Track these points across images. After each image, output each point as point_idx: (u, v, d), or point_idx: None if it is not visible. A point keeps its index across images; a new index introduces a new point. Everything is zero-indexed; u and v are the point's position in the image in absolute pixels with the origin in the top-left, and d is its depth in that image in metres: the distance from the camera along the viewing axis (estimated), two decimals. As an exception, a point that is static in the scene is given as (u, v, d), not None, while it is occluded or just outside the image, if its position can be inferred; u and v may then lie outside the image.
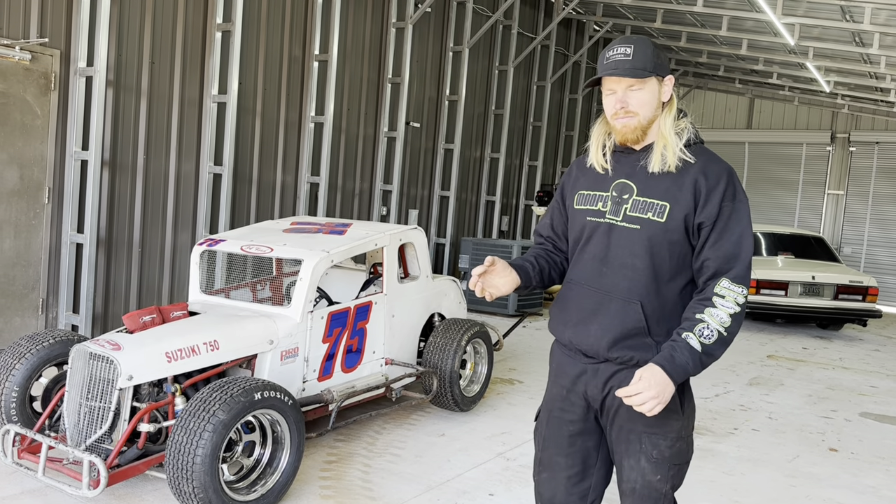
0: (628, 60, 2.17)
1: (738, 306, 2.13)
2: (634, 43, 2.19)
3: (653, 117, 2.23)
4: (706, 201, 2.15)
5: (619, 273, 2.23)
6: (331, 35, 8.35)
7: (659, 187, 2.20)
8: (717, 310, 2.13)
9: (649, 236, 2.19)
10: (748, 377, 7.51)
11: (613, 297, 2.24)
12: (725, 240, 2.16)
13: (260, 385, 3.55)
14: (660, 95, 2.23)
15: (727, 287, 2.14)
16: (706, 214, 2.16)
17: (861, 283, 10.33)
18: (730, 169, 2.21)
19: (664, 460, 2.24)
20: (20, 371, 3.98)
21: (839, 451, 5.29)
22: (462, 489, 4.11)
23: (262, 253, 4.58)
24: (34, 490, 3.73)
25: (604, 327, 2.24)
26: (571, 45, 13.72)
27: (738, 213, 2.17)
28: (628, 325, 2.21)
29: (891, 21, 9.26)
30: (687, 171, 2.19)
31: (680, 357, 2.10)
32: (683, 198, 2.17)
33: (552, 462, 2.42)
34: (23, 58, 5.71)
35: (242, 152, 7.68)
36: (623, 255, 2.23)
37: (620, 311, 2.22)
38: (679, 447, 2.26)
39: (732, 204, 2.16)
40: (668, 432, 2.24)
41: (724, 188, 2.16)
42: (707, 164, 2.20)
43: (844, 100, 15.15)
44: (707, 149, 2.27)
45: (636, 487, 2.27)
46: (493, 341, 6.00)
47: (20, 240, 5.91)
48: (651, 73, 2.19)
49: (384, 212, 9.77)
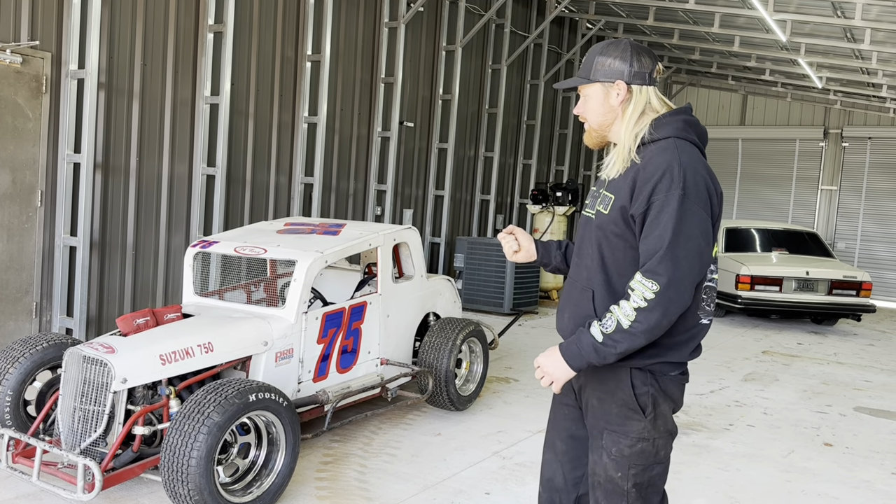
0: (579, 73, 2.32)
1: (644, 301, 2.07)
2: (588, 55, 2.31)
3: (604, 122, 2.30)
4: (638, 194, 2.15)
5: (583, 263, 2.35)
6: (323, 35, 8.34)
7: (615, 181, 2.28)
8: (626, 303, 2.12)
9: (598, 226, 2.28)
10: (743, 373, 7.53)
11: (576, 286, 2.36)
12: (650, 234, 2.11)
13: (254, 387, 3.54)
14: (608, 100, 2.27)
15: (639, 281, 2.10)
16: (636, 207, 2.15)
17: (855, 279, 10.37)
18: (672, 162, 2.12)
19: (623, 459, 2.24)
20: (14, 375, 3.96)
21: (834, 446, 5.31)
22: (458, 488, 4.11)
23: (255, 254, 4.57)
24: (29, 494, 3.72)
25: (570, 314, 2.36)
26: (564, 43, 13.73)
27: (668, 205, 2.07)
28: (582, 313, 2.29)
29: (882, 17, 9.28)
30: (633, 166, 2.23)
31: (579, 343, 2.18)
32: (623, 190, 2.20)
33: (553, 444, 2.52)
34: (14, 61, 5.69)
35: (236, 153, 7.67)
36: (585, 246, 2.35)
37: (579, 298, 2.33)
38: (642, 448, 2.23)
39: (664, 196, 2.09)
40: (628, 432, 2.23)
41: (656, 181, 2.10)
42: (651, 159, 2.17)
43: (837, 95, 15.20)
44: (669, 144, 2.18)
45: (601, 481, 2.30)
46: (489, 340, 6.00)
47: (13, 243, 5.89)
48: (589, 80, 2.28)
49: (379, 212, 9.76)
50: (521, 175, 13.03)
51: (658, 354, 2.22)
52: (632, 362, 2.22)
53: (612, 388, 2.25)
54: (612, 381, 2.25)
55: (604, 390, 2.27)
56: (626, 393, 2.23)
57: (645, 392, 2.23)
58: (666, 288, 2.06)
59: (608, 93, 2.26)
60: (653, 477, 2.28)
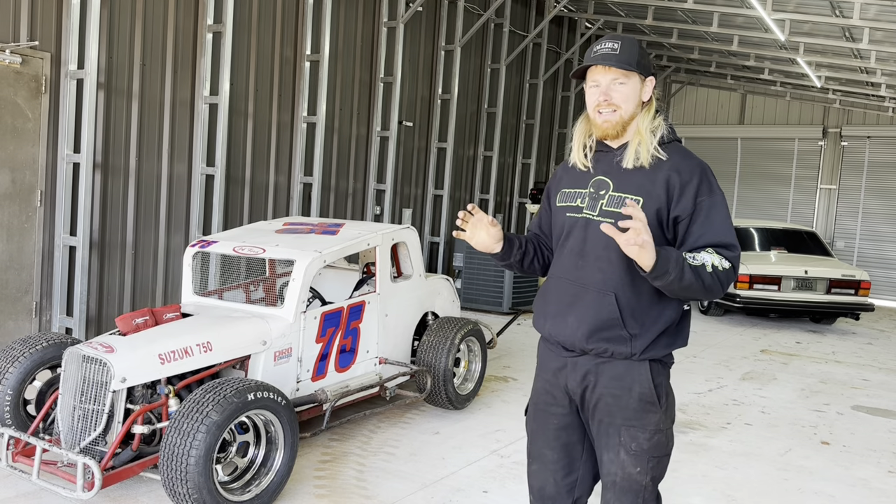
0: (615, 54, 2.26)
1: (728, 262, 2.18)
2: (622, 40, 2.28)
3: (633, 114, 2.30)
4: (680, 196, 2.23)
5: (594, 265, 2.29)
6: (322, 35, 8.35)
7: (633, 183, 2.27)
8: (711, 255, 2.18)
9: None
10: (741, 372, 7.55)
11: (589, 289, 2.29)
12: (713, 225, 2.22)
13: (253, 386, 3.56)
14: (641, 94, 2.31)
15: (713, 252, 2.20)
16: (681, 209, 2.23)
17: (853, 277, 10.38)
18: (703, 165, 2.29)
19: (643, 453, 2.28)
20: (14, 374, 3.98)
21: (831, 445, 5.33)
22: (456, 487, 4.13)
23: (254, 254, 4.59)
24: (29, 493, 3.74)
25: (580, 318, 2.29)
26: (563, 42, 13.74)
27: (718, 205, 2.24)
28: (603, 317, 2.26)
29: (880, 16, 9.30)
30: (660, 168, 2.26)
31: (670, 250, 2.13)
32: (656, 192, 2.24)
33: (540, 454, 2.48)
34: (13, 61, 5.70)
35: (235, 153, 7.69)
36: (598, 248, 2.29)
37: (595, 302, 2.27)
38: (658, 440, 2.30)
39: (710, 198, 2.24)
40: (646, 425, 2.28)
41: (698, 183, 2.24)
42: (681, 161, 2.27)
43: (836, 95, 15.21)
44: (682, 146, 2.34)
45: (616, 480, 2.30)
46: (487, 339, 6.02)
47: (13, 243, 5.91)
48: (635, 69, 2.27)
49: (378, 211, 9.78)
50: (520, 174, 13.04)
51: (672, 344, 2.31)
52: (650, 354, 2.27)
53: (629, 384, 2.28)
54: (628, 377, 2.28)
55: (620, 386, 2.29)
56: (645, 386, 2.28)
57: (661, 383, 2.31)
58: (739, 257, 2.23)
59: (644, 86, 2.31)
60: (664, 469, 2.35)
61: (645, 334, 2.26)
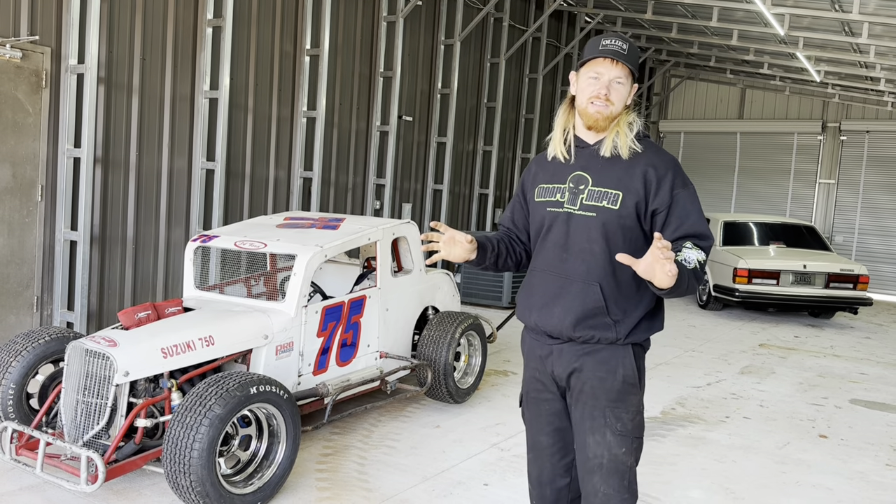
0: (624, 54, 2.38)
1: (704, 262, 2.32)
2: (628, 43, 2.41)
3: (619, 113, 2.43)
4: (658, 190, 2.37)
5: (578, 258, 2.41)
6: (322, 29, 8.35)
7: (612, 177, 2.39)
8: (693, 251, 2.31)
9: (604, 222, 2.37)
10: (740, 366, 7.58)
11: (574, 280, 2.41)
12: (689, 217, 2.37)
13: (255, 379, 3.58)
14: (629, 91, 2.44)
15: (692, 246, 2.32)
16: (659, 202, 2.37)
17: (852, 272, 10.41)
18: (675, 160, 2.46)
19: (627, 433, 2.41)
20: (17, 368, 4.00)
21: (829, 438, 5.36)
22: (457, 480, 4.16)
23: (255, 248, 4.61)
24: (32, 486, 3.76)
25: (566, 308, 2.40)
26: (563, 36, 13.73)
27: (691, 197, 2.40)
28: (589, 306, 2.38)
29: (879, 10, 9.30)
30: (637, 162, 2.39)
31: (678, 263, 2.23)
32: (634, 187, 2.37)
33: (536, 442, 2.60)
34: (13, 56, 5.71)
35: (235, 148, 7.69)
36: (581, 241, 2.40)
37: (581, 292, 2.39)
38: (638, 420, 2.44)
39: (684, 190, 2.39)
40: (629, 406, 2.42)
41: (672, 177, 2.39)
42: (655, 157, 2.42)
43: (835, 89, 15.21)
44: (653, 142, 2.48)
45: (604, 462, 2.39)
46: (487, 333, 6.04)
47: (14, 238, 5.92)
48: (634, 73, 2.43)
49: (378, 206, 9.79)
50: (519, 169, 13.04)
51: (651, 328, 2.46)
52: (633, 338, 2.40)
53: (613, 367, 2.40)
54: (613, 360, 2.40)
55: (605, 370, 2.40)
56: (629, 369, 2.41)
57: (641, 367, 2.46)
58: (712, 245, 2.39)
59: (634, 86, 2.45)
60: (641, 452, 2.48)
61: (627, 320, 2.39)
